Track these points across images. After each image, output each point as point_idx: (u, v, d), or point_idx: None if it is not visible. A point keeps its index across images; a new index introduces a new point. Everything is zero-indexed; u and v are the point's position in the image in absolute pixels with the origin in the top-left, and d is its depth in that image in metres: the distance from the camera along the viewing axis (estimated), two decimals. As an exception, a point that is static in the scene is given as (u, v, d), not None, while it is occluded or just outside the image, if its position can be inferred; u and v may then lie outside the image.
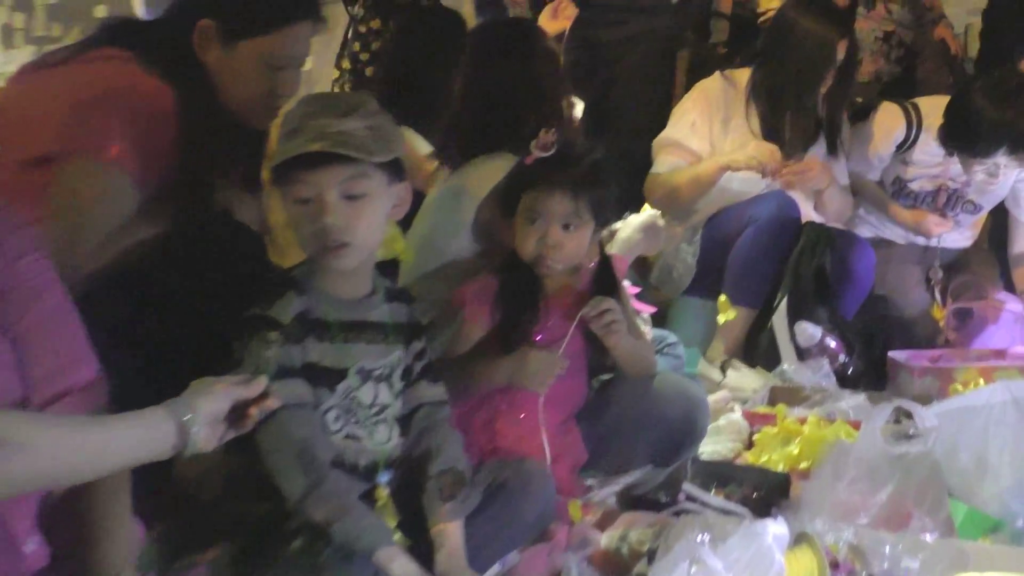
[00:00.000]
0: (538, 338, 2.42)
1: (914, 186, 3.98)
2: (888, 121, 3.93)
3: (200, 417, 1.64)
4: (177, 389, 1.69)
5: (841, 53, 3.67)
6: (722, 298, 3.57)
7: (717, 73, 3.88)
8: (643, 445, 2.60)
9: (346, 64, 4.17)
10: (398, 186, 2.07)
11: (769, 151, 3.61)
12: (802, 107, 3.73)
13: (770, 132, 3.71)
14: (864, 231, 4.02)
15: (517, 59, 2.80)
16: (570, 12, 3.93)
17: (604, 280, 2.49)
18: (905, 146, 3.92)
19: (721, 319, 3.49)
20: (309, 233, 1.99)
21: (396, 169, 2.05)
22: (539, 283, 2.43)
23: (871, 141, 3.95)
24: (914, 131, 3.90)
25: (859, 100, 4.11)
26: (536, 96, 2.77)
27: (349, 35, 4.20)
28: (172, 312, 2.19)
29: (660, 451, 2.61)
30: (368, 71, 4.07)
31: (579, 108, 2.98)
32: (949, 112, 3.78)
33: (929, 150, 3.90)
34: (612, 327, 2.41)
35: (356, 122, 1.97)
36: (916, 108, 3.92)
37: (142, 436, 1.59)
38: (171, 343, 2.15)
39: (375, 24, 4.13)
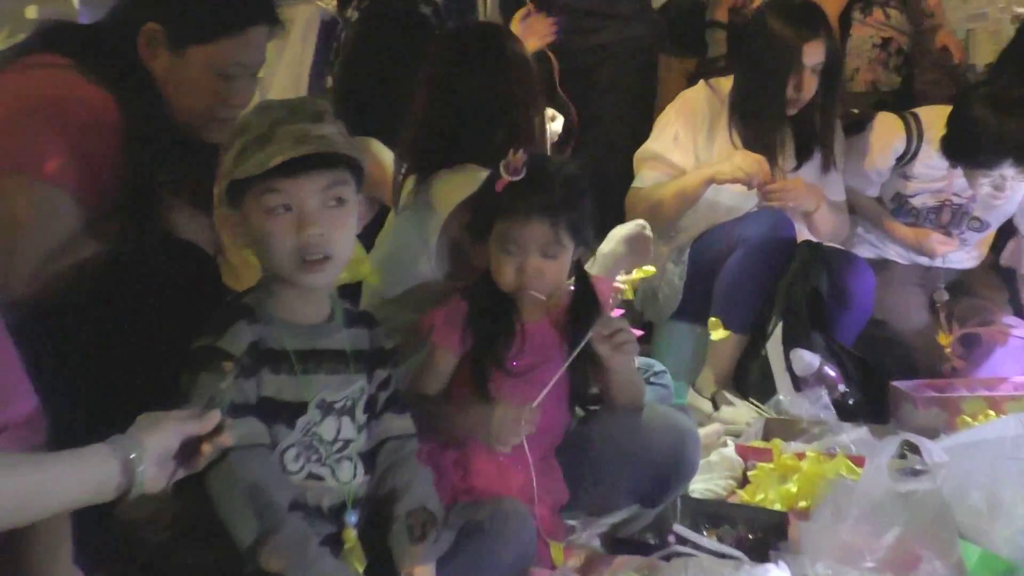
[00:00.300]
0: (514, 364, 2.41)
1: (916, 202, 3.99)
2: (886, 133, 3.94)
3: (147, 455, 1.62)
4: (123, 425, 1.66)
5: (812, 56, 3.65)
6: (712, 319, 3.56)
7: (701, 82, 3.90)
8: (629, 482, 2.59)
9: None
10: (359, 196, 2.07)
11: (756, 162, 3.62)
12: (772, 116, 3.73)
13: (749, 144, 3.73)
14: (864, 251, 4.02)
15: (486, 66, 2.78)
16: (544, 30, 3.93)
17: (584, 300, 2.48)
18: (905, 159, 3.93)
19: (714, 336, 3.47)
20: (288, 247, 1.97)
21: (360, 177, 2.06)
22: (513, 305, 2.42)
23: (868, 154, 3.96)
24: (914, 143, 3.91)
25: (855, 111, 4.12)
26: (506, 108, 2.75)
27: (343, 39, 4.17)
28: (117, 341, 2.17)
29: (647, 489, 2.60)
30: None
31: (559, 123, 2.96)
32: (951, 122, 3.80)
33: (931, 163, 3.92)
34: (623, 348, 2.40)
35: (330, 127, 1.98)
36: (916, 118, 3.94)
37: (83, 476, 1.57)
38: (116, 375, 2.13)
39: None
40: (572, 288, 2.49)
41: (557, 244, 2.36)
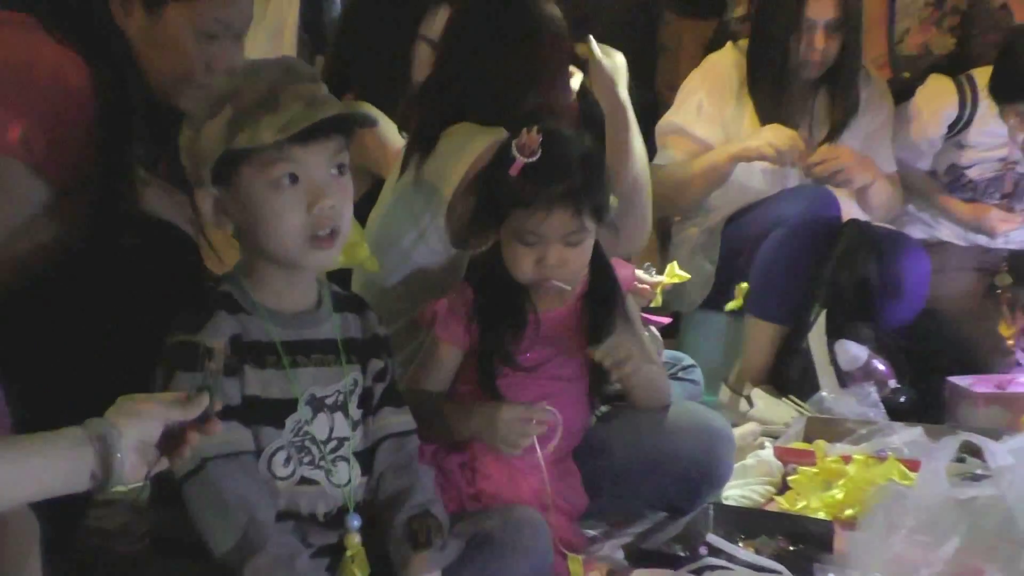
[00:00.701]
0: (527, 357, 2.40)
1: (972, 173, 3.98)
2: (937, 97, 3.93)
3: (125, 441, 1.59)
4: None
5: (819, 11, 3.64)
6: (742, 284, 3.54)
7: (728, 45, 3.89)
8: (655, 489, 2.60)
9: None
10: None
11: (788, 136, 3.61)
12: (779, 81, 3.72)
13: (765, 114, 3.72)
14: (914, 231, 4.02)
15: (515, 26, 2.72)
16: None
17: (602, 286, 2.48)
18: (959, 126, 3.92)
19: (730, 305, 3.46)
20: (296, 223, 1.94)
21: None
22: (525, 293, 2.41)
23: (917, 122, 3.95)
24: (968, 108, 3.90)
25: (906, 75, 4.09)
26: (534, 75, 2.69)
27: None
28: (85, 332, 2.15)
29: (675, 496, 2.61)
30: None
31: (576, 80, 2.93)
32: (1000, 59, 3.77)
33: (988, 129, 3.90)
34: (622, 368, 2.41)
35: (323, 88, 1.97)
36: (971, 81, 3.92)
37: (54, 462, 1.55)
38: (84, 369, 2.11)
39: None
40: (589, 271, 2.48)
41: (581, 231, 2.35)
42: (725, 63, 3.83)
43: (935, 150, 3.98)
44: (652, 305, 3.06)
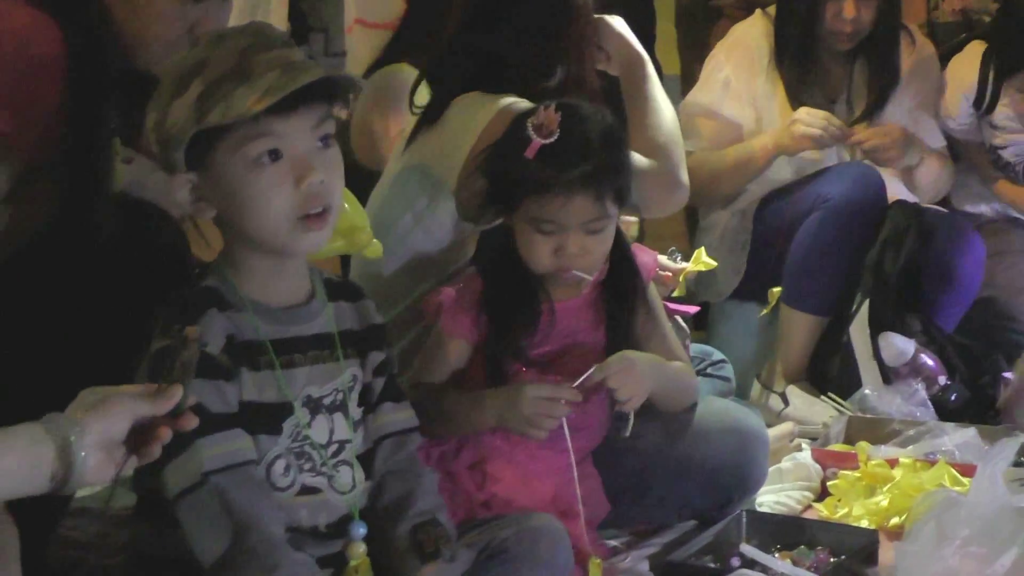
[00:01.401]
0: (540, 351, 2.40)
1: (1008, 155, 3.96)
2: (961, 70, 3.91)
3: (89, 438, 1.59)
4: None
5: None
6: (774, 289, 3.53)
7: (757, 12, 3.87)
8: (683, 494, 2.61)
9: None
10: None
11: (822, 117, 3.60)
12: (807, 53, 3.71)
13: (792, 90, 3.71)
14: (979, 207, 4.01)
15: None
16: None
17: (623, 274, 2.47)
18: (983, 106, 3.90)
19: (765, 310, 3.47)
20: (283, 204, 1.93)
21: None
22: (539, 282, 2.41)
23: (941, 99, 3.94)
24: (991, 85, 3.87)
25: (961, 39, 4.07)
26: (561, 49, 2.70)
27: None
28: (57, 323, 2.15)
29: (705, 502, 2.63)
30: None
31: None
32: (995, 29, 3.81)
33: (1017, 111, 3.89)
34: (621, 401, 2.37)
35: (300, 53, 1.96)
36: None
37: (10, 461, 1.55)
38: (50, 363, 2.11)
39: None
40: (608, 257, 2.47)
41: (603, 217, 2.35)
42: (753, 33, 3.81)
43: (964, 129, 3.97)
44: (674, 295, 3.05)
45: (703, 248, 3.25)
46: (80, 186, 2.24)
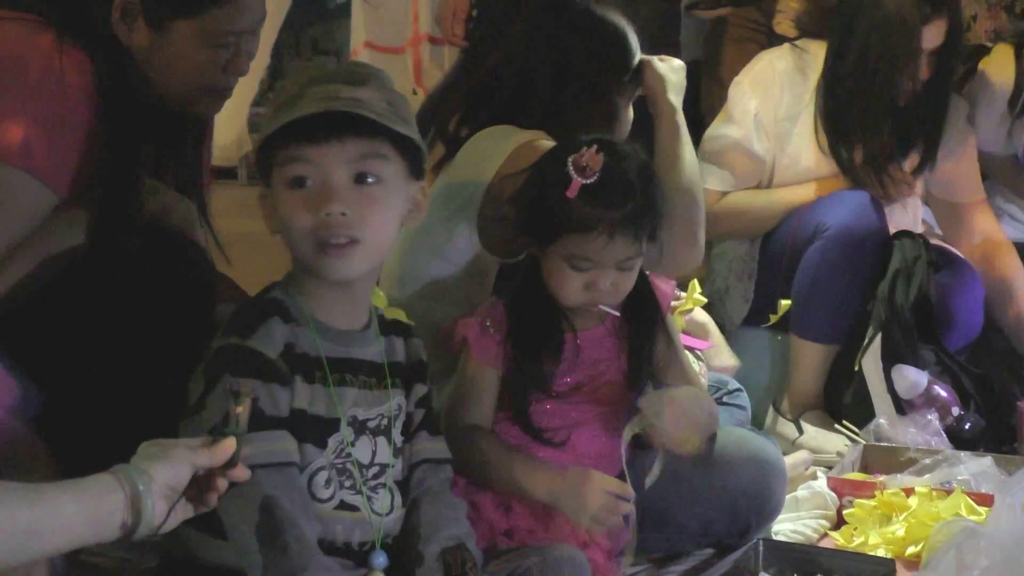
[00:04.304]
0: (565, 381, 2.40)
1: None
2: (996, 71, 3.89)
3: (156, 488, 1.64)
4: (97, 441, 1.66)
5: (932, 39, 3.59)
6: (784, 302, 3.55)
7: (787, 46, 3.83)
8: (700, 522, 2.62)
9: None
10: (415, 185, 2.09)
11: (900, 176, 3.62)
12: (876, 112, 3.65)
13: (835, 142, 3.67)
14: (1005, 229, 3.95)
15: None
16: None
17: (643, 304, 2.46)
18: (1017, 107, 3.89)
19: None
20: (305, 227, 1.98)
21: (416, 160, 2.07)
22: (562, 313, 2.40)
23: (976, 104, 3.90)
24: None
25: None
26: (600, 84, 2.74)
27: None
28: (89, 349, 2.20)
29: (723, 530, 2.64)
30: None
31: None
32: None
33: None
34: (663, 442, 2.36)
35: (373, 92, 2.00)
36: None
37: (86, 510, 1.58)
38: (86, 388, 2.16)
39: None
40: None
41: (638, 256, 2.36)
42: (782, 67, 3.77)
43: (991, 139, 3.94)
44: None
45: (696, 282, 3.26)
46: (110, 214, 2.27)
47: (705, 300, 3.23)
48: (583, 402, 2.41)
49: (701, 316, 3.31)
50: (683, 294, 3.14)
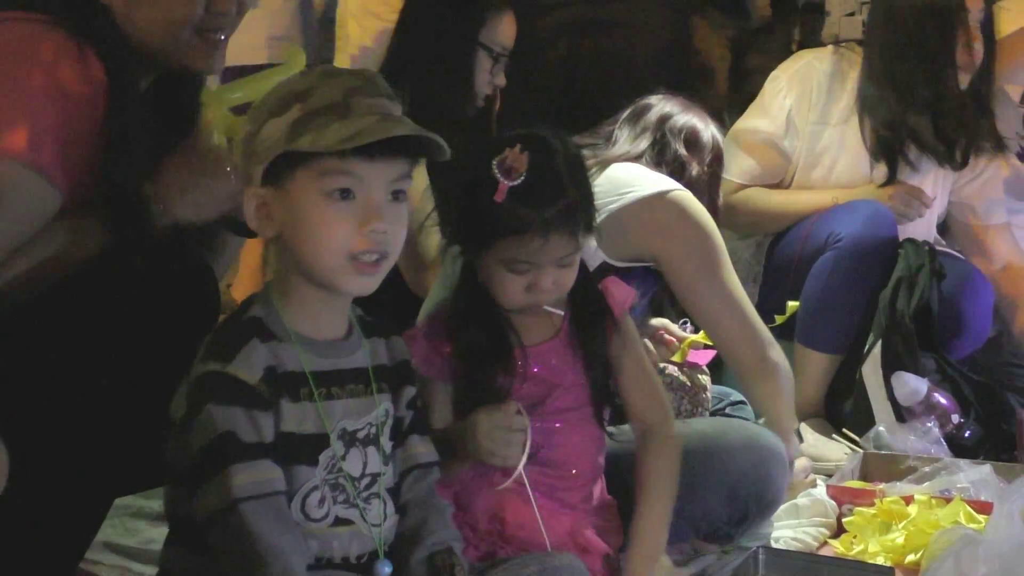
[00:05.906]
0: (522, 393, 2.33)
1: None
2: (1018, 45, 3.87)
3: None
4: (93, 456, 1.64)
5: (976, 3, 3.59)
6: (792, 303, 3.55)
7: (831, 48, 3.82)
8: (701, 508, 2.63)
9: None
10: None
11: (916, 193, 3.61)
12: (942, 97, 3.63)
13: (882, 143, 3.67)
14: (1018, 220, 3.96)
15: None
16: None
17: (587, 302, 2.40)
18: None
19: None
20: (340, 242, 1.96)
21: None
22: (509, 323, 2.35)
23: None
24: None
25: None
26: None
27: None
28: (90, 358, 2.19)
29: (722, 517, 2.66)
30: None
31: None
32: None
33: None
34: None
35: (399, 107, 2.01)
36: None
37: None
38: (83, 401, 2.16)
39: None
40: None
41: (577, 250, 2.31)
42: (822, 68, 3.77)
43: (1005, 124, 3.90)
44: (672, 359, 3.06)
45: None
46: (120, 222, 2.25)
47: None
48: (548, 412, 2.35)
49: None
50: (685, 332, 3.13)
